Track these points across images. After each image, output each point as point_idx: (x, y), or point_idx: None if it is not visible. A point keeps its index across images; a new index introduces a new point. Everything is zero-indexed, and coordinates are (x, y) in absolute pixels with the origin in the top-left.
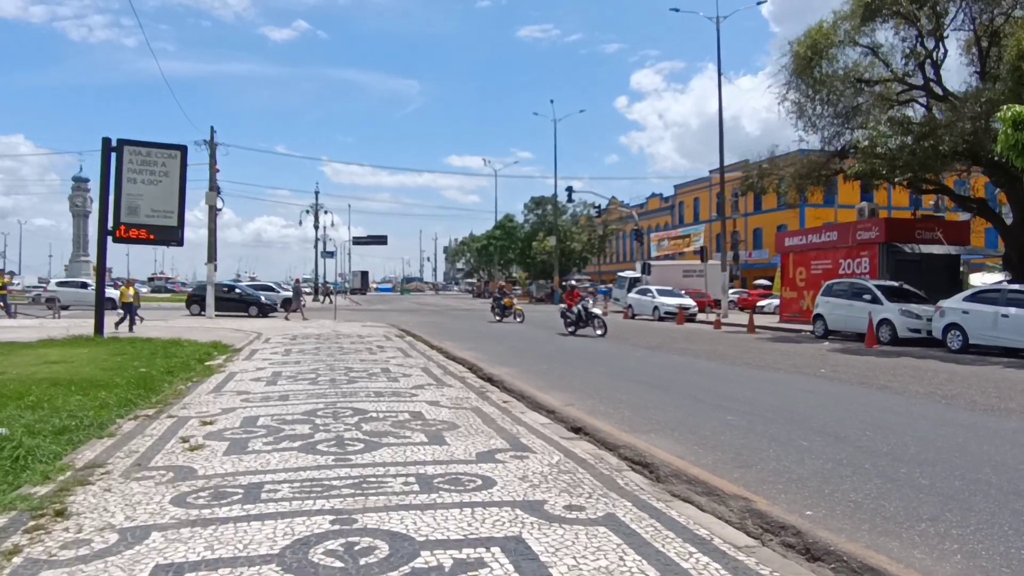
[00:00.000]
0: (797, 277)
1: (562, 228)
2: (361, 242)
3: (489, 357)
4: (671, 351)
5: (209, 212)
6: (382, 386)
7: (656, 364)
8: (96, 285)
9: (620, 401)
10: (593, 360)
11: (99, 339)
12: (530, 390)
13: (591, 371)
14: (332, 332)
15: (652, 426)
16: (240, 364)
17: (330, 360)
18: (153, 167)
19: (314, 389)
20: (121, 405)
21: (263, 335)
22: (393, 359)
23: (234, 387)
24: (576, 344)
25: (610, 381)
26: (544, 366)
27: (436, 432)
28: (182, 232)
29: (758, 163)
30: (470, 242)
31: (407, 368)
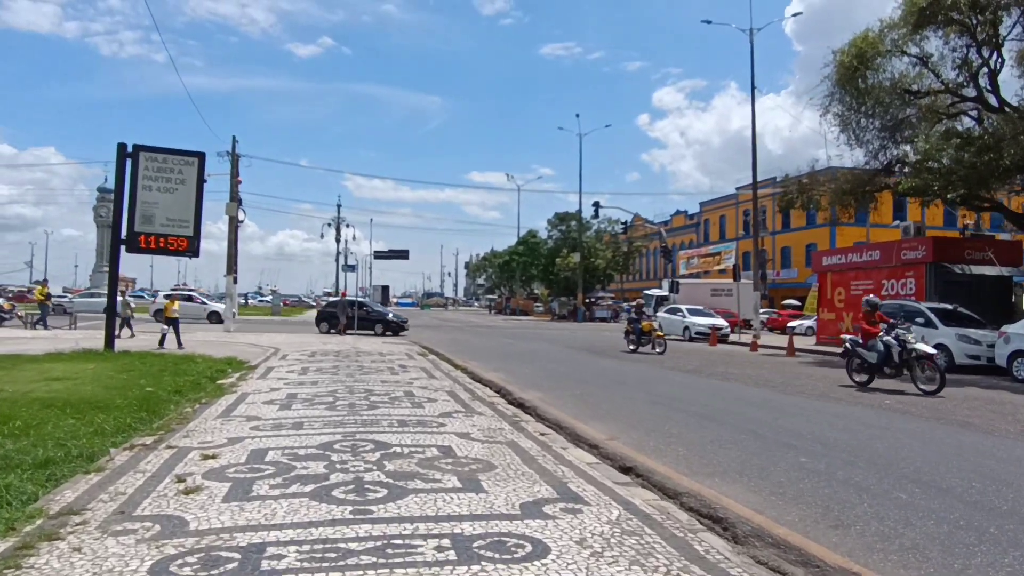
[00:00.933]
0: (835, 298)
1: (586, 244)
2: (383, 256)
3: (518, 379)
4: (712, 375)
5: (230, 223)
6: (406, 413)
7: (700, 390)
8: (108, 296)
9: (670, 435)
10: (631, 384)
11: (109, 353)
12: (568, 420)
13: (630, 397)
14: (352, 349)
15: (714, 467)
16: (253, 383)
17: (349, 381)
18: (169, 174)
19: (331, 416)
20: (118, 431)
21: (280, 351)
22: (416, 380)
23: (244, 411)
24: (609, 366)
25: (654, 410)
26: (578, 390)
27: (470, 474)
28: (198, 242)
29: (797, 178)
30: (492, 258)
31: (432, 391)
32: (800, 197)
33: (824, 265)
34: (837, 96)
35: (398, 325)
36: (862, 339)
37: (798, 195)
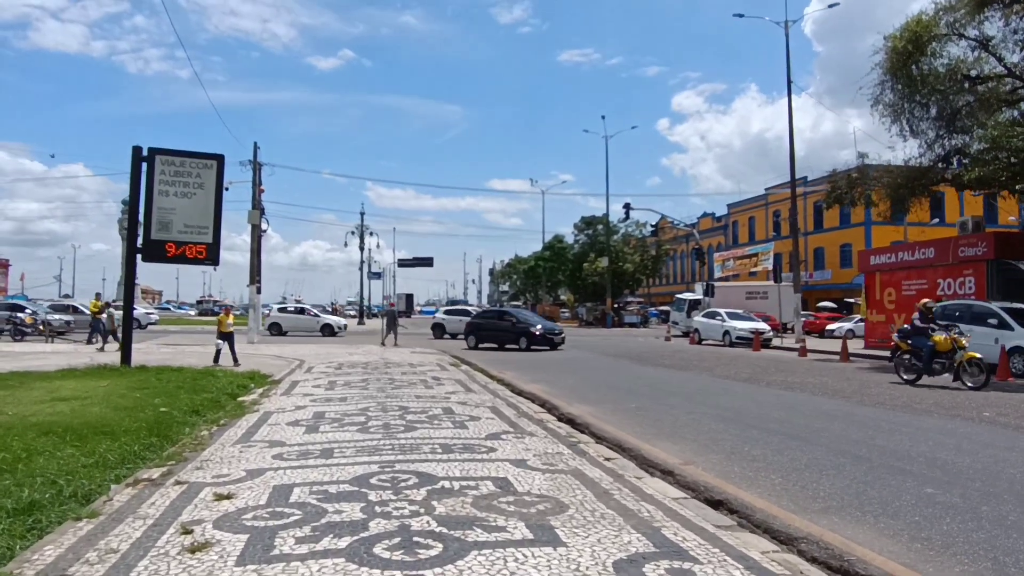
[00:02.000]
0: (885, 299)
1: (614, 248)
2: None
3: (561, 391)
4: (772, 385)
5: (252, 231)
6: (448, 435)
7: (768, 403)
8: (124, 308)
9: (754, 459)
10: (688, 396)
11: (124, 369)
12: (631, 440)
13: (692, 412)
14: (380, 360)
15: (823, 501)
16: (277, 401)
17: (381, 397)
18: (187, 178)
19: (364, 440)
20: (123, 462)
21: (305, 363)
22: (454, 395)
23: (267, 435)
24: (656, 375)
25: (725, 427)
26: (631, 403)
27: (540, 518)
28: (218, 250)
29: (846, 172)
30: (516, 264)
31: (472, 407)
32: (850, 193)
33: (872, 264)
34: (888, 84)
35: (549, 339)
36: None
37: (847, 190)
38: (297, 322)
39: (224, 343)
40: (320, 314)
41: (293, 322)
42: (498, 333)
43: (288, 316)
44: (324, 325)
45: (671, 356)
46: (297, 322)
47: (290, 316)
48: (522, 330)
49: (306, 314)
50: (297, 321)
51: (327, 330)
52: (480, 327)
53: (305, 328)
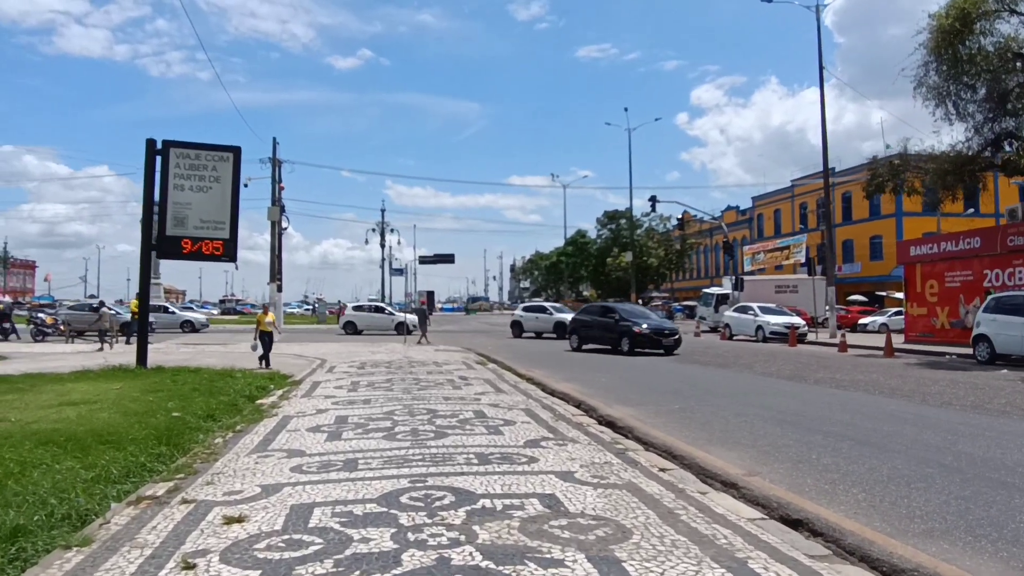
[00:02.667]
0: (927, 291)
1: (638, 243)
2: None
3: (596, 391)
4: (821, 382)
5: (272, 228)
6: (483, 443)
7: (824, 403)
8: (140, 307)
9: (826, 468)
10: (733, 396)
11: (140, 371)
12: (682, 446)
13: (742, 413)
14: (404, 359)
15: (923, 522)
16: (297, 404)
17: (407, 398)
18: (203, 171)
19: (391, 448)
20: (127, 476)
21: (327, 362)
22: (484, 396)
23: (285, 442)
24: (695, 372)
25: (782, 431)
26: (674, 404)
27: (601, 547)
28: (235, 246)
29: (887, 159)
30: (538, 259)
31: (505, 410)
32: (892, 180)
33: (912, 256)
34: (933, 65)
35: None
36: None
37: (889, 178)
38: (372, 320)
39: (259, 343)
40: (395, 312)
41: (368, 320)
42: (603, 333)
43: (364, 315)
44: (399, 323)
45: (704, 352)
46: (372, 320)
47: (366, 315)
48: (624, 329)
49: (383, 312)
50: (372, 320)
51: (401, 328)
52: (586, 325)
53: (380, 327)
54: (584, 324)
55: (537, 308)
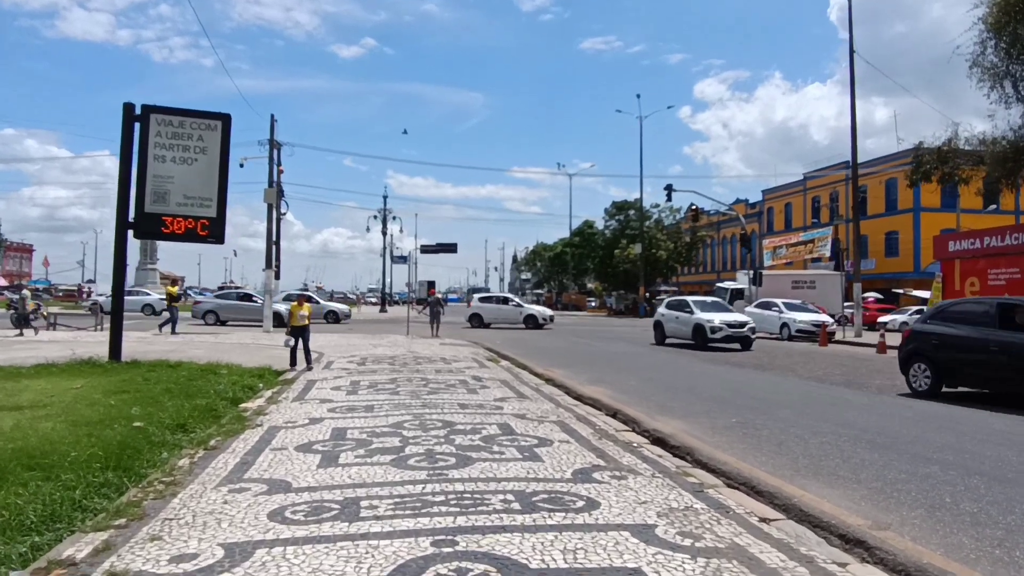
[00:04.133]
0: (967, 289)
1: (647, 235)
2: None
3: (629, 396)
4: (884, 390)
5: (269, 211)
6: (519, 473)
7: (908, 419)
8: (113, 294)
9: (975, 519)
10: (795, 407)
11: (111, 365)
12: (767, 479)
13: (818, 431)
14: (408, 353)
15: None
16: (287, 409)
17: (416, 405)
18: (187, 141)
19: (403, 481)
20: (48, 520)
21: (324, 357)
22: (505, 403)
23: (266, 468)
24: (731, 375)
25: (883, 458)
26: (730, 417)
27: None
28: (223, 226)
29: (935, 147)
30: (541, 250)
31: (535, 423)
32: (939, 168)
33: (951, 251)
34: (991, 43)
35: None
36: None
37: (936, 166)
38: (500, 313)
39: (292, 339)
40: (523, 304)
41: (495, 313)
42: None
43: (491, 307)
44: (528, 316)
45: (731, 351)
46: (500, 313)
47: (493, 307)
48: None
49: (509, 304)
50: (500, 312)
51: (531, 321)
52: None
53: (508, 319)
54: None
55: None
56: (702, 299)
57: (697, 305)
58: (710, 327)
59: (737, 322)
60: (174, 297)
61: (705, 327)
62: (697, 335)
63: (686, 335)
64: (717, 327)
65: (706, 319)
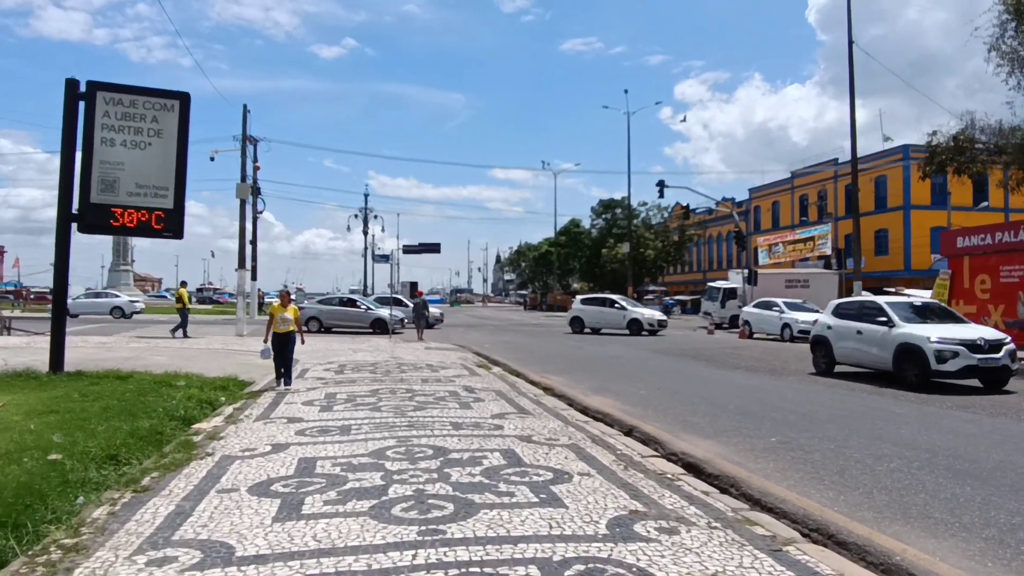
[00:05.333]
0: (977, 287)
1: (635, 233)
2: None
3: (641, 409)
4: (927, 401)
5: (241, 208)
6: (540, 526)
7: (974, 436)
8: (54, 299)
9: None
10: (832, 420)
11: (49, 377)
12: (858, 530)
13: (879, 453)
14: (392, 360)
15: None
16: (247, 432)
17: (402, 426)
18: (139, 123)
19: (387, 543)
20: None
21: (298, 364)
22: (505, 420)
23: (205, 524)
24: (753, 384)
25: (977, 493)
26: (768, 435)
27: None
28: (181, 219)
29: (950, 136)
30: (526, 250)
31: (544, 447)
32: (955, 159)
33: (960, 248)
34: (1011, 25)
35: None
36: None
37: (951, 157)
38: (603, 316)
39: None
40: (627, 306)
41: (599, 316)
42: None
43: (593, 309)
44: (631, 320)
45: (736, 354)
46: (603, 316)
47: (595, 309)
48: None
49: (612, 306)
50: (603, 315)
51: (634, 326)
52: None
53: (612, 324)
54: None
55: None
56: (897, 300)
57: (898, 310)
58: (936, 352)
59: (985, 341)
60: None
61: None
62: (907, 362)
63: (877, 362)
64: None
65: (923, 334)
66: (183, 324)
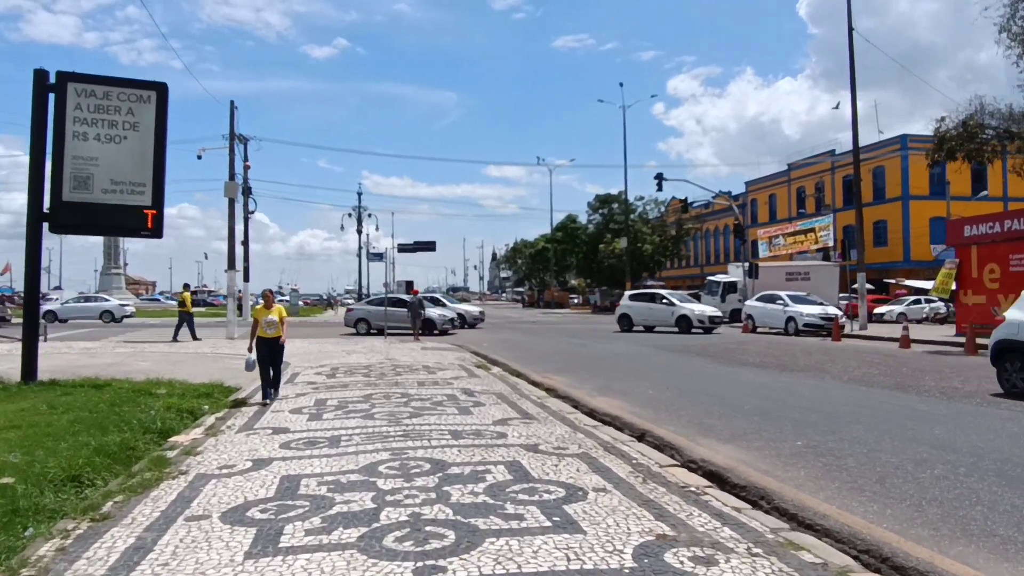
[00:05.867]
0: (985, 276)
1: (632, 228)
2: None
3: (651, 411)
4: (954, 397)
5: (230, 207)
6: (555, 558)
7: (1016, 435)
8: (26, 302)
9: None
10: (858, 420)
11: (19, 387)
12: (918, 552)
13: (918, 458)
14: (387, 361)
15: None
16: (228, 445)
17: (396, 436)
18: (114, 116)
19: (378, 574)
20: None
21: (289, 367)
22: (509, 426)
23: (166, 564)
24: (764, 381)
25: (1014, 494)
26: (793, 438)
27: None
28: (161, 217)
29: (960, 122)
30: (522, 247)
31: (553, 458)
32: (965, 146)
33: (967, 236)
34: (1023, 6)
35: None
36: None
37: (961, 144)
38: (651, 313)
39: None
40: (675, 301)
41: (646, 313)
42: None
43: (641, 306)
44: (680, 317)
45: (742, 349)
46: (651, 313)
47: (643, 305)
48: None
49: (659, 301)
50: (651, 312)
51: (683, 323)
52: None
53: (659, 320)
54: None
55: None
56: None
57: None
58: None
59: None
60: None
61: None
62: None
63: None
64: None
65: None
66: (187, 327)
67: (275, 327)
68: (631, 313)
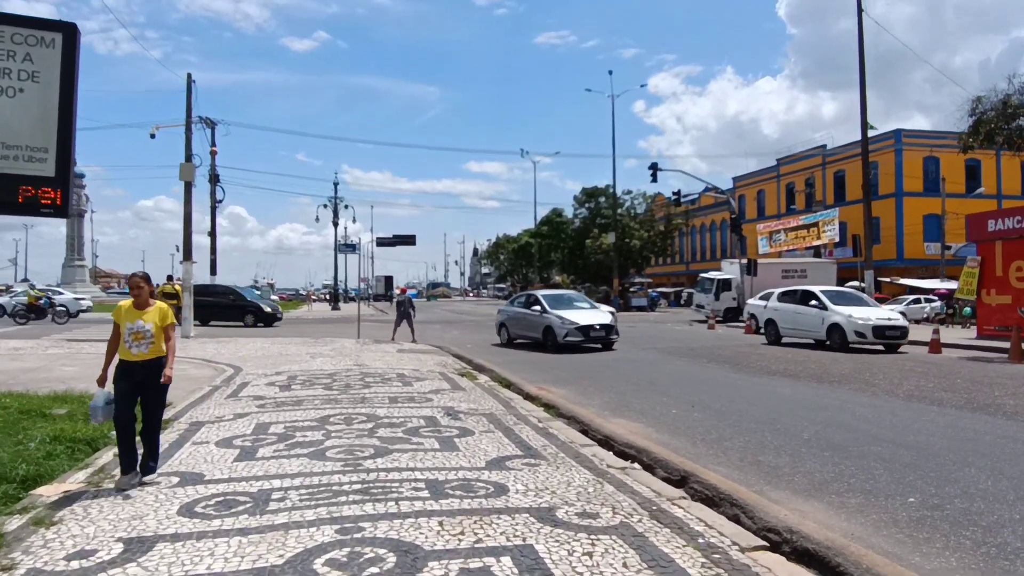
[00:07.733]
0: (1012, 274)
1: (620, 223)
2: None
3: (683, 440)
4: None
5: (186, 191)
6: None
7: None
8: None
9: None
10: (964, 461)
11: None
12: None
13: None
14: (355, 368)
15: None
16: (101, 508)
17: (352, 489)
18: (6, 62)
19: None
20: None
21: (241, 372)
22: (509, 473)
23: None
24: (816, 400)
25: None
26: (908, 495)
27: None
28: (68, 190)
29: (999, 101)
30: (505, 242)
31: (579, 534)
32: (1004, 129)
33: (991, 231)
34: None
35: None
36: None
37: (1000, 126)
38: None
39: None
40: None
41: (792, 319)
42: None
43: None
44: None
45: (758, 355)
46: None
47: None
48: None
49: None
50: (797, 318)
51: (836, 334)
52: None
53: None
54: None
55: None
56: None
57: None
58: None
59: None
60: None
61: None
62: None
63: None
64: None
65: None
66: None
67: (147, 342)
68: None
